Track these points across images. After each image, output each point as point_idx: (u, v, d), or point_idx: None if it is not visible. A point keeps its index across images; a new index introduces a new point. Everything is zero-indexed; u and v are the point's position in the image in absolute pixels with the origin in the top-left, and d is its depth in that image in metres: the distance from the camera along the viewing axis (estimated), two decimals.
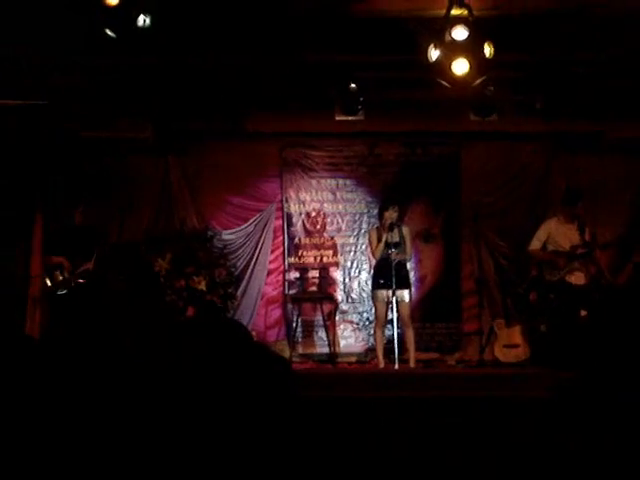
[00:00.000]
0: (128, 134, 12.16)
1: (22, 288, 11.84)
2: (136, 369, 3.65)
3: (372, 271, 11.63)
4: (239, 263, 12.89)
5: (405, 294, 11.10)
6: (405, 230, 11.36)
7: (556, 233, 11.19)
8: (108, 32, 7.47)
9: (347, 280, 12.98)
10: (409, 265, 11.58)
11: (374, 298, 11.34)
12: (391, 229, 11.15)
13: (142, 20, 7.50)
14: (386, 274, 10.97)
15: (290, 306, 12.87)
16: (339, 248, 12.98)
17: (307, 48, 9.92)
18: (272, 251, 13.06)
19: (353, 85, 11.09)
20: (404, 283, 11.10)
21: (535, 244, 11.28)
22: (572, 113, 11.73)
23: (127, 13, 7.39)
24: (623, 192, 12.78)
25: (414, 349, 11.32)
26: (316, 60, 10.41)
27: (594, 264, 11.24)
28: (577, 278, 11.00)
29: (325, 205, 13.08)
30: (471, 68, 9.17)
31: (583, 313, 10.88)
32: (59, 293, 10.99)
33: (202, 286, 12.07)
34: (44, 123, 11.53)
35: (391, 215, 11.25)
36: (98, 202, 12.20)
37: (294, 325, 12.68)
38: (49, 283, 11.05)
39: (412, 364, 11.22)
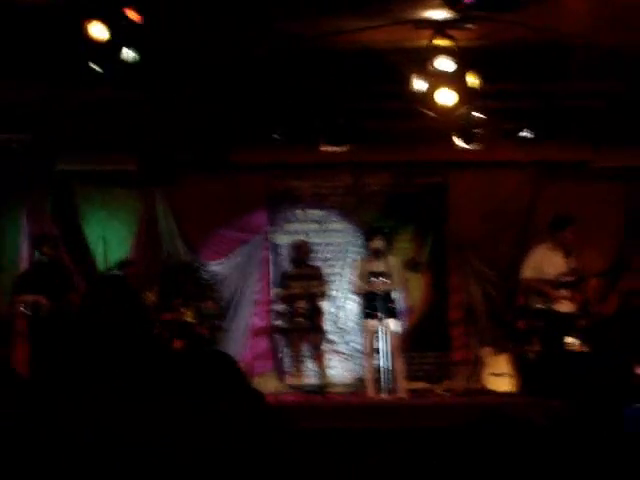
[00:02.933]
0: (114, 167, 12.18)
1: (8, 322, 11.81)
2: (126, 402, 3.65)
3: (361, 301, 11.62)
4: (226, 295, 12.87)
5: (394, 324, 11.12)
6: (393, 260, 11.39)
7: (544, 260, 11.17)
8: (94, 66, 7.50)
9: (334, 310, 12.96)
10: (397, 295, 11.58)
11: (363, 328, 11.38)
12: (377, 258, 11.18)
13: (128, 54, 7.53)
14: (374, 304, 11.01)
15: (278, 337, 12.84)
16: (326, 278, 12.96)
17: (292, 80, 9.98)
18: (259, 282, 13.03)
19: (338, 116, 11.16)
20: (392, 313, 11.12)
21: (527, 272, 11.19)
22: (557, 142, 11.81)
23: (113, 48, 7.42)
24: (609, 220, 12.84)
25: (404, 379, 11.31)
26: (301, 92, 10.47)
27: (581, 292, 11.25)
28: (564, 306, 11.01)
29: (311, 235, 13.07)
30: (455, 98, 9.25)
31: (571, 341, 10.89)
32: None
33: (190, 318, 12.05)
34: (30, 156, 11.55)
35: (377, 244, 11.28)
36: (82, 235, 12.24)
37: (282, 356, 12.64)
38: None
39: (402, 394, 11.22)
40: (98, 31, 7.28)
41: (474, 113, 10.54)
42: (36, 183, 12.13)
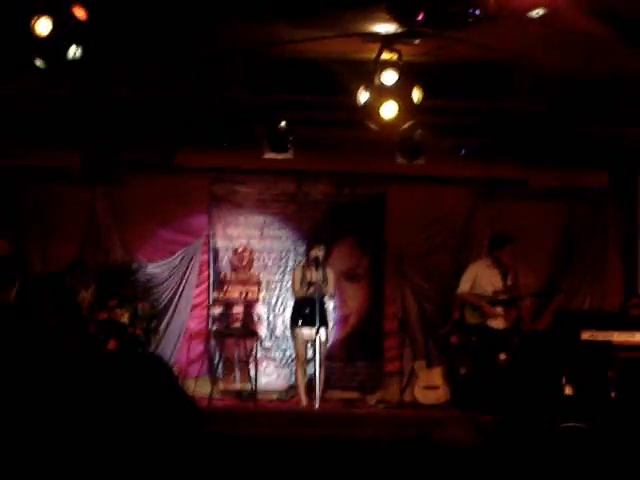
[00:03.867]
0: (56, 163, 12.10)
1: None
2: (57, 400, 3.64)
3: (292, 309, 11.63)
4: (163, 297, 12.82)
5: (322, 333, 11.14)
6: (329, 271, 11.44)
7: (481, 276, 11.32)
8: (38, 63, 7.45)
9: (271, 317, 12.97)
10: (332, 304, 11.65)
11: (294, 336, 11.41)
12: (315, 267, 11.22)
13: (73, 52, 7.49)
14: (307, 312, 11.05)
15: (213, 341, 12.83)
16: (264, 285, 12.94)
17: (238, 86, 9.99)
18: (197, 285, 12.99)
19: (282, 123, 11.19)
20: (323, 322, 11.15)
21: (464, 287, 11.34)
22: (497, 160, 11.97)
23: (58, 44, 7.38)
24: (544, 239, 13.03)
25: (322, 388, 11.22)
26: (246, 98, 10.49)
27: (515, 310, 11.39)
28: (497, 322, 11.15)
29: (252, 241, 13.06)
30: (399, 112, 9.32)
31: (502, 357, 11.02)
32: None
33: (125, 319, 11.99)
34: None
35: (317, 253, 11.33)
36: (20, 231, 12.14)
37: (216, 361, 12.63)
38: None
39: (317, 404, 11.03)
40: (44, 27, 7.24)
41: (417, 129, 10.64)
42: None
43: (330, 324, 11.91)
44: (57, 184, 12.51)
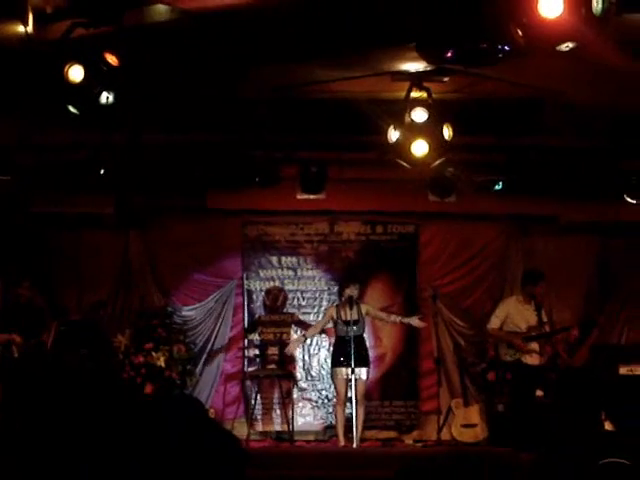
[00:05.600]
0: (90, 209, 12.17)
1: None
2: (94, 445, 3.64)
3: (331, 348, 11.63)
4: (199, 339, 12.84)
5: (363, 372, 11.13)
6: (365, 308, 11.43)
7: (514, 313, 11.26)
8: (71, 109, 7.53)
9: (307, 357, 12.94)
10: (369, 342, 11.63)
11: (333, 376, 11.36)
12: (350, 306, 11.20)
13: (105, 97, 7.56)
14: (345, 352, 11.00)
15: (249, 383, 12.81)
16: (298, 325, 12.96)
17: (269, 127, 10.04)
18: (232, 328, 13.00)
19: (314, 164, 11.25)
20: (363, 361, 11.13)
21: (494, 322, 11.31)
22: (528, 196, 11.92)
23: (90, 90, 7.45)
24: (578, 274, 12.95)
25: (361, 429, 11.23)
26: (277, 139, 10.55)
27: (551, 345, 11.32)
28: (533, 359, 11.08)
29: (286, 282, 13.09)
30: (430, 149, 9.33)
31: (539, 393, 10.93)
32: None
33: (161, 362, 12.01)
34: (6, 198, 11.53)
35: (351, 292, 11.32)
36: (54, 278, 12.22)
37: (253, 402, 12.61)
38: None
39: (356, 444, 11.03)
40: (76, 74, 7.31)
41: (448, 166, 10.64)
42: (11, 225, 12.09)
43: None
44: (91, 230, 12.59)
